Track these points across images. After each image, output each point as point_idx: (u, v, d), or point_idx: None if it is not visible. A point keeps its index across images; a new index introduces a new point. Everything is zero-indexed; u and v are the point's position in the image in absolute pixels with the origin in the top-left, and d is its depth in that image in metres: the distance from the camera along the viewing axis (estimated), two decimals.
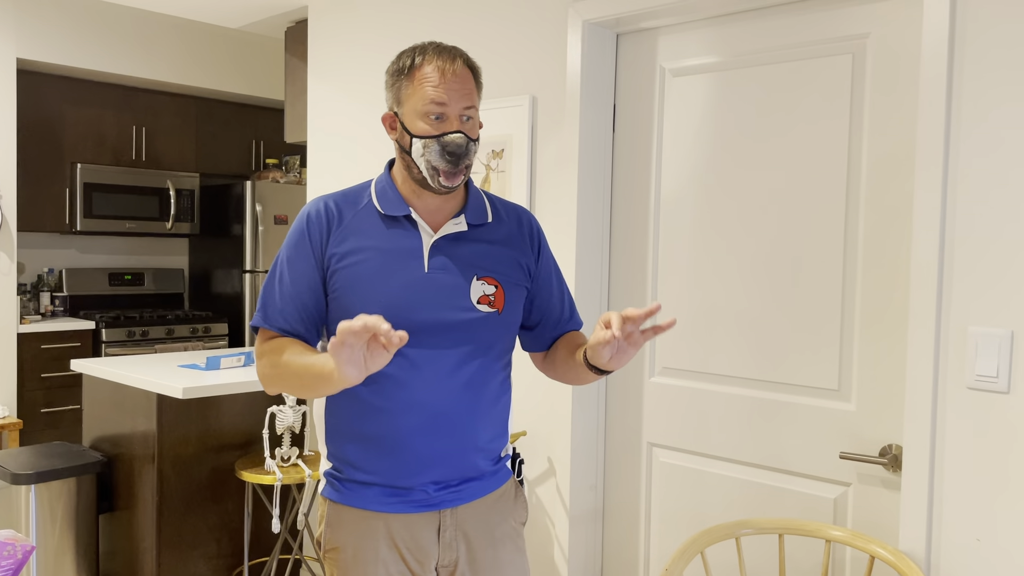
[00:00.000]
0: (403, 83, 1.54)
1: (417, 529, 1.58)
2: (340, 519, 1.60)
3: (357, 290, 1.53)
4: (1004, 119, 1.70)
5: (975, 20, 1.74)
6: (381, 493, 1.58)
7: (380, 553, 1.57)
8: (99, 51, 4.86)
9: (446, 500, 1.59)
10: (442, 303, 1.54)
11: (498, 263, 1.62)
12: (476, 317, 1.56)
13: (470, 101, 1.53)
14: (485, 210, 1.65)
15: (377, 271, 1.54)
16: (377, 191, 1.61)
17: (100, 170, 5.05)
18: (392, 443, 1.55)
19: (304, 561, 3.16)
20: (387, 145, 3.09)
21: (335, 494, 1.62)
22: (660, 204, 2.39)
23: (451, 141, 1.49)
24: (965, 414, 1.76)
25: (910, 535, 1.82)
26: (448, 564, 1.61)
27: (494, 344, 1.60)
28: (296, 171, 5.59)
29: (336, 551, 1.61)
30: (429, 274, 1.55)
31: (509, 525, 1.68)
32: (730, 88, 2.24)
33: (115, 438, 3.14)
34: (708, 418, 2.29)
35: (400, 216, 1.58)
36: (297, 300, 1.56)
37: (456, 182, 1.53)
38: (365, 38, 3.18)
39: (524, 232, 1.69)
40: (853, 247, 2.02)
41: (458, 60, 1.53)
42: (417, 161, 1.52)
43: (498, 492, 1.67)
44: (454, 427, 1.57)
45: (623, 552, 2.50)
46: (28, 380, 4.64)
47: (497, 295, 1.59)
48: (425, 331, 1.53)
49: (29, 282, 5.15)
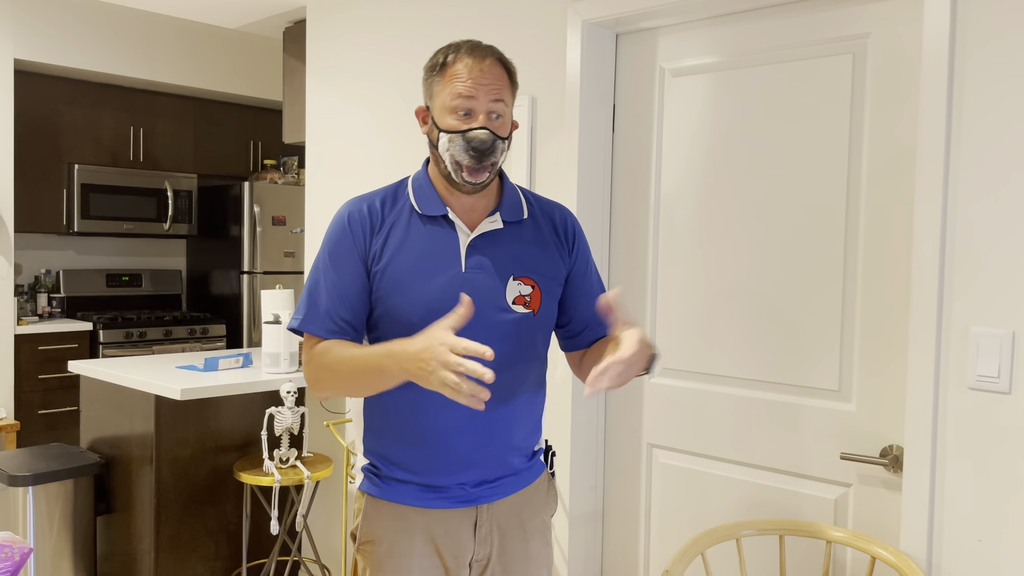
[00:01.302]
0: (435, 78, 1.56)
1: (454, 524, 1.60)
2: (377, 513, 1.62)
3: (398, 292, 1.54)
4: (1005, 117, 1.70)
5: (976, 20, 1.73)
6: (419, 490, 1.59)
7: (415, 547, 1.59)
8: (96, 51, 4.85)
9: (483, 496, 1.61)
10: (478, 304, 1.55)
11: (535, 262, 1.62)
12: (512, 319, 1.57)
13: (499, 95, 1.53)
14: (520, 207, 1.65)
15: (417, 272, 1.55)
16: (414, 189, 1.62)
17: (97, 171, 5.04)
18: (429, 442, 1.57)
19: (303, 563, 3.15)
20: (386, 144, 3.08)
21: (373, 488, 1.63)
22: (660, 204, 2.39)
23: (475, 137, 1.50)
24: (966, 415, 1.75)
25: (911, 536, 1.81)
26: (482, 559, 1.63)
27: (530, 344, 1.61)
28: (294, 172, 5.58)
29: (371, 544, 1.62)
30: (466, 274, 1.56)
31: (540, 519, 1.70)
32: (730, 88, 2.23)
33: (113, 440, 3.13)
34: (708, 419, 2.28)
35: (437, 215, 1.59)
36: (345, 299, 1.57)
37: (479, 178, 1.53)
38: (364, 38, 3.17)
39: (560, 230, 1.69)
40: (853, 247, 2.02)
41: (489, 57, 1.54)
42: (443, 155, 1.54)
43: (533, 486, 1.69)
44: (491, 427, 1.58)
45: (623, 553, 2.49)
46: (25, 381, 4.63)
47: (533, 295, 1.60)
48: (462, 332, 1.53)
49: (26, 283, 5.14)
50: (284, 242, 5.30)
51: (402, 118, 3.02)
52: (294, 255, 5.34)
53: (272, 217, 5.23)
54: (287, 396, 2.87)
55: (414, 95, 2.97)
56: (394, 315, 1.55)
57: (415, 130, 2.97)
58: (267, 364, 3.08)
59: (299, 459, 3.01)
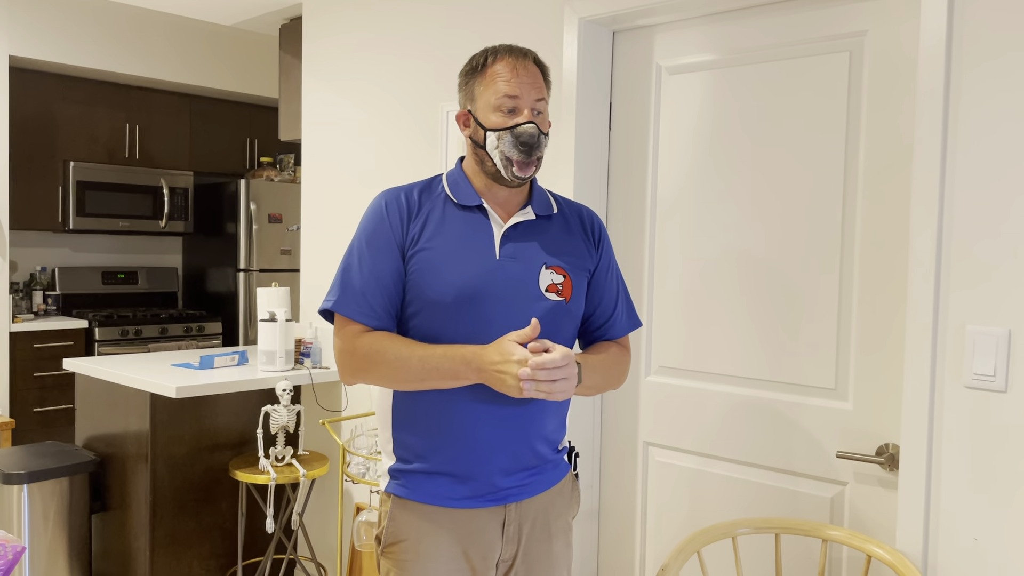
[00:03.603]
0: (476, 80, 1.61)
1: (483, 524, 1.61)
2: (404, 515, 1.62)
3: (433, 273, 1.57)
4: (1002, 115, 1.70)
5: (972, 17, 1.73)
6: (448, 484, 1.60)
7: (443, 548, 1.59)
8: (92, 48, 4.83)
9: (512, 494, 1.62)
10: (513, 290, 1.59)
11: (565, 252, 1.67)
12: (545, 306, 1.61)
13: (540, 94, 1.59)
14: (550, 203, 1.72)
15: (451, 257, 1.58)
16: (450, 183, 1.66)
17: (93, 168, 5.03)
18: (463, 430, 1.58)
19: (298, 561, 3.15)
20: (382, 141, 3.07)
21: (401, 490, 1.63)
22: (656, 202, 2.38)
23: (524, 131, 1.55)
24: (962, 413, 1.75)
25: (907, 534, 1.81)
26: (508, 559, 1.64)
27: (560, 332, 1.64)
28: (291, 169, 5.57)
29: (398, 546, 1.62)
30: (500, 262, 1.60)
31: (564, 520, 1.72)
32: (727, 86, 2.23)
33: (108, 438, 3.12)
34: (704, 417, 2.28)
35: (472, 206, 1.63)
36: (381, 283, 1.58)
37: (529, 172, 1.59)
38: (360, 35, 3.16)
39: (587, 226, 1.75)
40: (850, 245, 2.02)
41: (529, 57, 1.61)
42: (491, 154, 1.58)
43: (558, 486, 1.71)
44: (523, 416, 1.60)
45: (619, 552, 2.49)
46: (20, 379, 4.62)
47: (565, 284, 1.64)
48: (496, 318, 1.57)
49: (21, 281, 5.13)
50: (280, 240, 5.29)
51: (398, 114, 3.02)
52: (290, 253, 5.33)
53: (268, 214, 5.22)
54: (283, 394, 2.86)
55: (410, 92, 2.97)
56: (427, 296, 1.57)
57: (411, 126, 2.97)
58: (263, 362, 3.07)
59: (295, 457, 3.01)
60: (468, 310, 1.56)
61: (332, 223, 3.30)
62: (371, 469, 2.65)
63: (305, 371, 3.10)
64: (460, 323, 1.56)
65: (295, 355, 3.22)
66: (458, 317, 1.56)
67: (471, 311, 1.56)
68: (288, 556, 3.06)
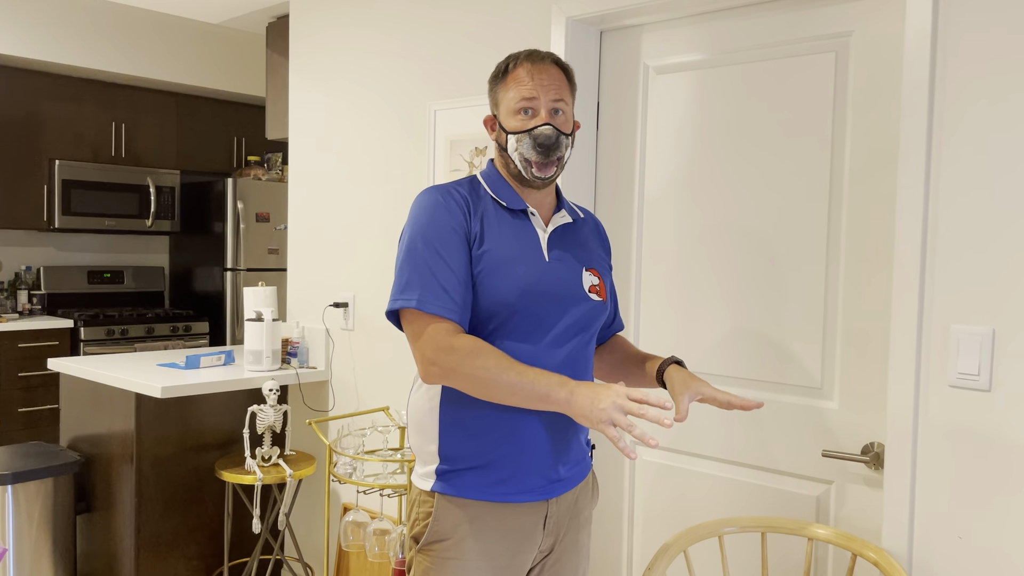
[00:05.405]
0: (499, 86, 1.67)
1: (527, 519, 1.63)
2: (449, 513, 1.62)
3: (499, 273, 1.59)
4: (986, 116, 1.71)
5: (958, 18, 1.74)
6: (499, 482, 1.61)
7: (486, 545, 1.61)
8: (78, 46, 4.80)
9: (558, 488, 1.66)
10: (566, 291, 1.64)
11: (595, 255, 1.75)
12: (590, 305, 1.67)
13: (559, 95, 1.62)
14: (574, 208, 1.80)
15: (510, 256, 1.61)
16: (489, 185, 1.69)
17: (79, 167, 4.99)
18: (510, 428, 1.60)
19: (285, 561, 3.13)
20: (371, 141, 3.07)
21: (448, 488, 1.63)
22: (644, 201, 2.39)
23: (540, 133, 1.60)
24: (947, 412, 1.76)
25: (892, 533, 1.82)
26: (545, 550, 1.69)
27: (595, 331, 1.71)
28: (278, 168, 5.55)
29: (440, 544, 1.62)
30: (550, 264, 1.64)
31: (589, 510, 1.78)
32: (714, 86, 2.23)
33: (93, 438, 3.10)
34: (691, 416, 2.28)
35: (517, 209, 1.67)
36: (458, 277, 1.57)
37: (548, 172, 1.63)
38: (347, 34, 3.15)
39: (599, 231, 1.84)
40: (836, 245, 2.03)
41: (547, 60, 1.64)
42: (512, 156, 1.63)
43: (588, 478, 1.77)
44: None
45: (606, 551, 2.49)
46: (5, 379, 4.58)
47: (601, 285, 1.71)
48: (548, 317, 1.61)
49: (6, 280, 5.09)
50: (268, 239, 5.26)
51: (386, 114, 3.01)
52: (278, 252, 5.31)
53: (256, 214, 5.20)
54: (269, 394, 2.85)
55: (398, 91, 2.96)
56: (492, 294, 1.58)
57: (399, 126, 2.96)
58: (249, 362, 3.06)
59: (281, 457, 2.99)
60: (529, 309, 1.60)
61: (319, 222, 3.29)
62: (358, 469, 2.64)
63: (292, 371, 3.09)
64: (519, 320, 1.59)
65: (282, 355, 3.21)
66: (517, 315, 1.59)
67: (531, 310, 1.60)
68: (275, 556, 3.05)
